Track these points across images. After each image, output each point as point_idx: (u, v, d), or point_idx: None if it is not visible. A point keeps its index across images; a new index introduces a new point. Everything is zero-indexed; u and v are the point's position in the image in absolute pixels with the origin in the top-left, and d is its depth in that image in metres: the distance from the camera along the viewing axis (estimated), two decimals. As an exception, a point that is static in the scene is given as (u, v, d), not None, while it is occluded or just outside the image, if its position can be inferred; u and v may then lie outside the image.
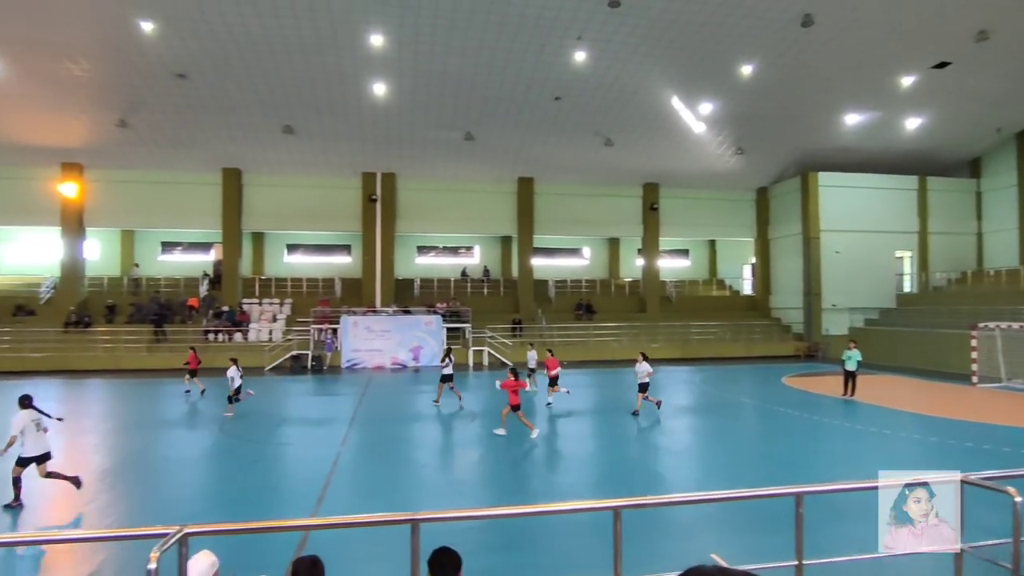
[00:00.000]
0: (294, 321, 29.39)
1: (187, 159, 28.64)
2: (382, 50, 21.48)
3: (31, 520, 8.37)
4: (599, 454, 12.05)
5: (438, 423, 15.14)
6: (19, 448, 8.73)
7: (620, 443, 12.77)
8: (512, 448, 11.97)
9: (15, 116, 24.83)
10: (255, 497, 8.99)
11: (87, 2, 18.64)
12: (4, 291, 30.58)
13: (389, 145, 28.50)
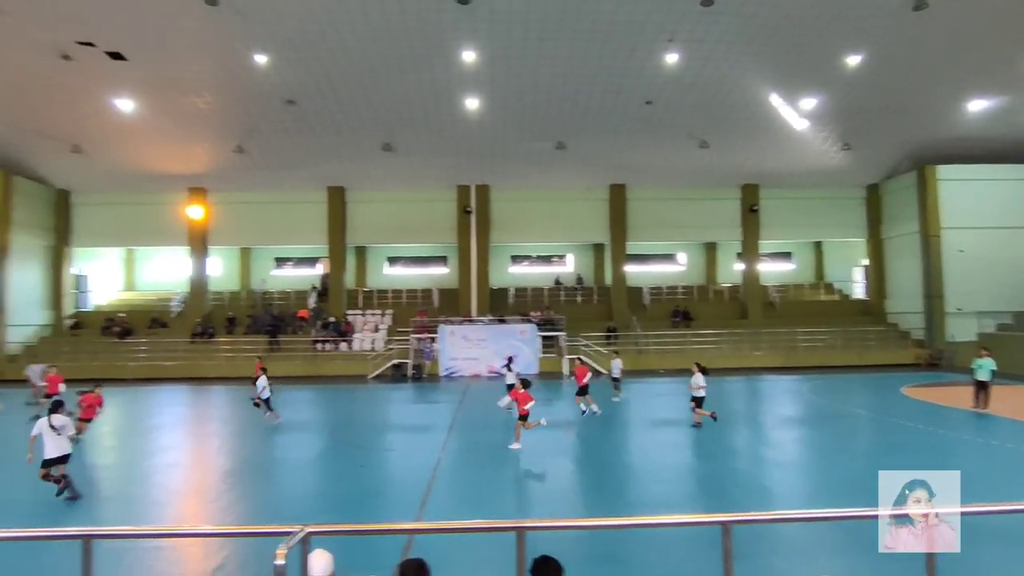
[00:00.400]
0: (395, 331, 30.53)
1: (296, 179, 30.56)
2: (474, 66, 22.02)
3: (162, 515, 9.17)
4: (699, 466, 11.68)
5: (533, 431, 15.21)
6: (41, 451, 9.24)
7: (723, 455, 12.30)
8: (608, 457, 11.84)
9: (150, 148, 27.51)
10: (363, 500, 9.40)
11: (210, 42, 20.34)
12: (142, 305, 34.00)
13: (482, 158, 29.12)
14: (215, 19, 18.76)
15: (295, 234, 32.39)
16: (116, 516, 8.83)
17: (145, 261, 37.08)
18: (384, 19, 19.22)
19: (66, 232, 31.73)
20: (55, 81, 22.23)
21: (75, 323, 31.75)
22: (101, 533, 3.14)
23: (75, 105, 24.02)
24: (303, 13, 18.80)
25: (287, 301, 33.96)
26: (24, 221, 29.17)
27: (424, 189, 31.69)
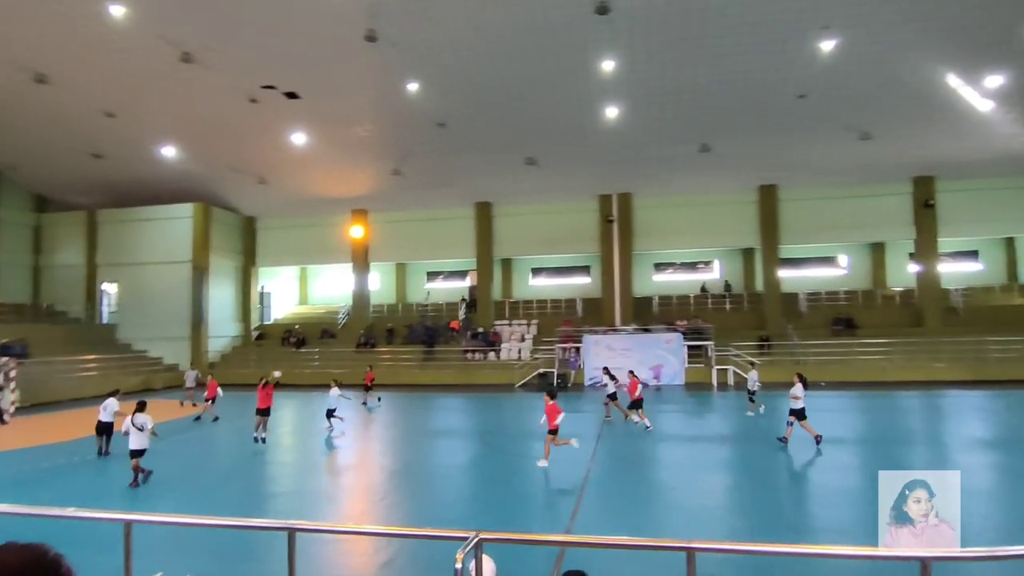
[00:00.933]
0: (540, 341, 31.13)
1: (446, 197, 32.30)
2: (614, 74, 22.05)
3: (336, 510, 10.14)
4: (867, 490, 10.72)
5: (683, 443, 14.85)
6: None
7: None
8: (767, 473, 11.26)
9: (319, 176, 30.53)
10: (516, 507, 9.75)
11: (369, 75, 22.25)
12: (314, 318, 37.69)
13: (624, 166, 28.96)
14: (374, 54, 20.51)
15: (446, 249, 34.21)
16: (299, 508, 9.89)
17: (316, 278, 41.13)
18: (526, 38, 19.89)
19: (252, 254, 36.04)
20: (244, 122, 25.44)
21: (260, 334, 35.85)
22: (303, 527, 3.62)
23: (260, 142, 27.31)
24: (450, 40, 19.98)
25: (439, 313, 35.87)
26: (220, 245, 33.55)
27: (566, 200, 32.10)
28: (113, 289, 34.45)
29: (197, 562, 6.84)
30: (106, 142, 27.76)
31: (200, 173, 30.86)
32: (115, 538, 4.29)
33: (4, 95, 23.42)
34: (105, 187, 32.53)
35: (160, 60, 20.85)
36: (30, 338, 26.75)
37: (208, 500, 10.44)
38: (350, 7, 18.23)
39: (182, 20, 18.82)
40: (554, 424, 12.24)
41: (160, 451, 14.88)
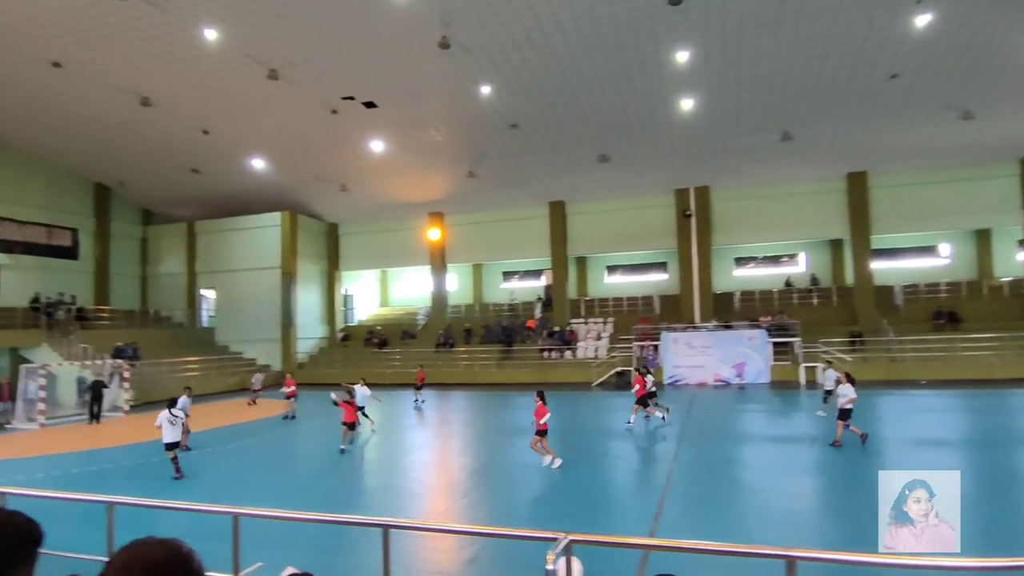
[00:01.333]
0: (617, 339, 30.80)
1: (520, 197, 32.51)
2: (688, 65, 21.52)
3: (421, 506, 10.43)
4: (974, 496, 10.00)
5: (768, 444, 14.34)
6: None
7: (1007, 484, 10.40)
8: (857, 476, 10.70)
9: (396, 181, 31.42)
10: (597, 508, 9.74)
11: (443, 80, 22.70)
12: (395, 319, 38.85)
13: (700, 158, 28.22)
14: (447, 60, 20.91)
15: (520, 248, 34.42)
16: (383, 505, 10.26)
17: (396, 280, 42.38)
18: (597, 34, 19.74)
19: (336, 258, 37.52)
20: (326, 132, 26.54)
21: (344, 336, 37.28)
22: (397, 524, 3.78)
23: (340, 151, 28.41)
24: (521, 41, 20.09)
25: (515, 312, 36.15)
26: (306, 251, 35.15)
27: (641, 196, 31.61)
28: (211, 295, 36.77)
29: (294, 555, 7.23)
30: (202, 157, 29.65)
31: (286, 183, 32.44)
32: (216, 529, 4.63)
33: (115, 118, 25.43)
34: (202, 200, 34.77)
35: (249, 78, 22.08)
36: (140, 341, 28.96)
37: (299, 495, 10.99)
38: (424, 17, 18.67)
39: (268, 39, 19.84)
40: (542, 425, 12.23)
41: (252, 448, 15.75)
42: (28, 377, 21.80)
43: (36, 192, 30.47)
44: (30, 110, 24.88)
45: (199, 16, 18.44)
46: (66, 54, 20.40)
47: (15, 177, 29.43)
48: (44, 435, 18.94)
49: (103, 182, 33.66)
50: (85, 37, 19.39)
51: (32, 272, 30.10)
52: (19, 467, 13.64)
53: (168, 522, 7.11)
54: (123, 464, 14.00)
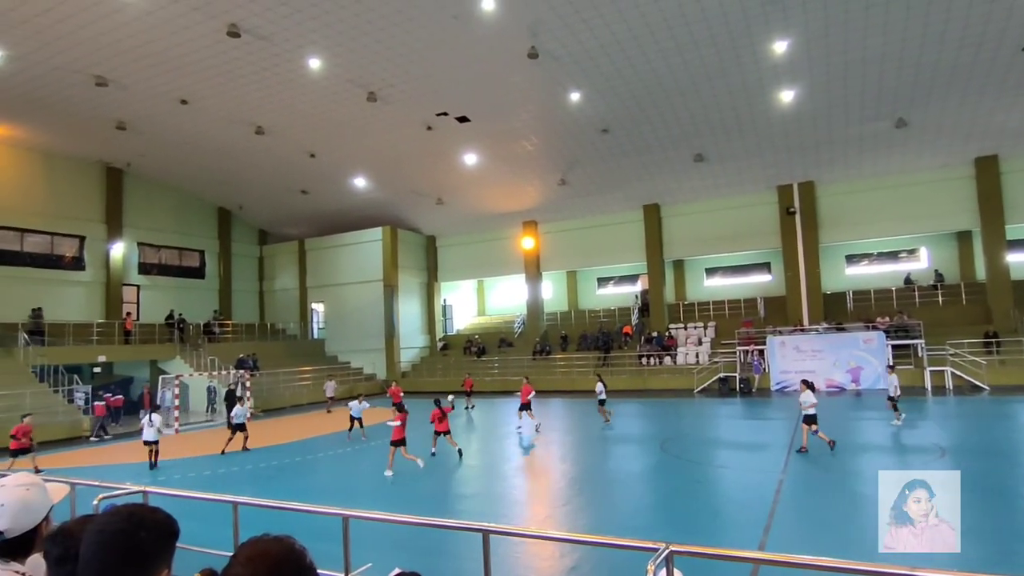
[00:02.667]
0: (719, 343, 29.72)
1: (613, 202, 32.20)
2: (787, 55, 20.53)
3: (521, 513, 10.50)
4: None
5: (890, 454, 13.31)
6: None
7: None
8: (993, 489, 9.71)
9: (491, 192, 32.03)
10: (702, 518, 9.42)
11: (533, 90, 22.95)
12: (492, 328, 39.48)
13: (804, 152, 26.79)
14: (536, 70, 21.13)
15: (615, 254, 34.02)
16: (484, 511, 10.42)
17: (492, 289, 43.08)
18: (688, 31, 19.26)
19: (435, 270, 38.69)
20: (422, 149, 27.51)
21: (444, 345, 38.31)
22: (497, 529, 3.86)
23: (436, 165, 29.34)
24: (610, 44, 19.94)
25: (611, 318, 35.73)
26: (406, 264, 36.49)
27: (740, 195, 30.40)
28: (320, 308, 38.95)
29: (398, 556, 7.50)
30: (310, 179, 31.57)
31: (386, 199, 33.89)
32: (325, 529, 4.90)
33: (233, 148, 27.62)
34: (311, 218, 36.99)
35: (350, 102, 23.29)
36: (259, 353, 31.11)
37: (400, 499, 11.39)
38: (513, 29, 18.98)
39: (367, 64, 20.87)
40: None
41: (356, 454, 16.47)
42: (164, 387, 23.99)
43: (168, 218, 33.59)
44: (162, 145, 27.47)
45: (304, 47, 19.69)
46: (191, 92, 22.38)
47: (150, 206, 32.58)
48: (179, 440, 20.75)
49: (224, 206, 36.62)
50: (207, 75, 21.21)
51: (166, 291, 33.19)
52: (158, 469, 15.02)
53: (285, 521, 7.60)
54: (245, 467, 15.07)
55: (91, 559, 1.56)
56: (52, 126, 25.02)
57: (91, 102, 22.60)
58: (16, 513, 2.08)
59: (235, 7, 17.32)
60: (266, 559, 1.40)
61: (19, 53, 19.04)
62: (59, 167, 28.52)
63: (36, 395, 21.50)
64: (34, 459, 14.98)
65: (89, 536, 1.61)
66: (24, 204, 27.25)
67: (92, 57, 19.62)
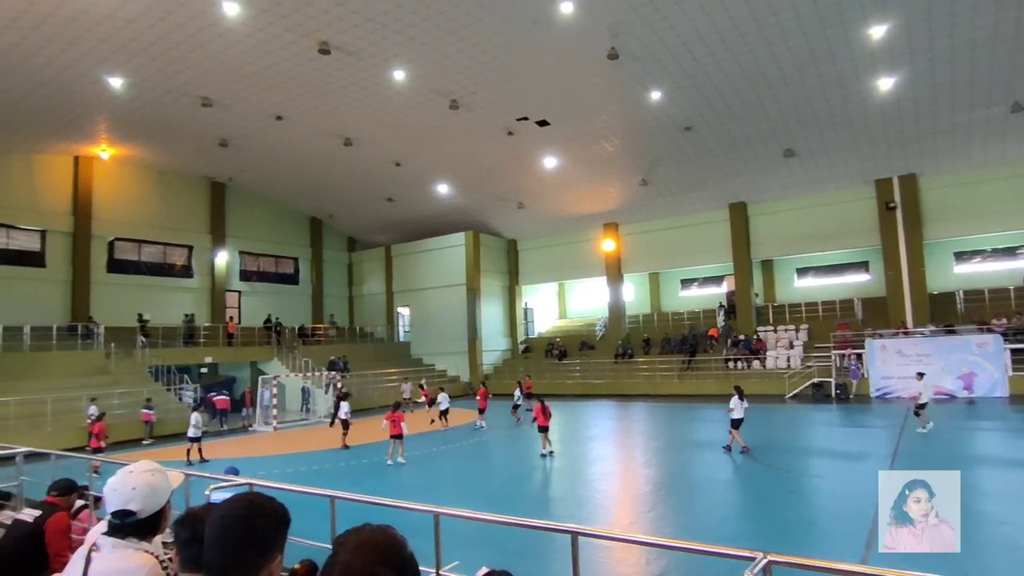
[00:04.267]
0: (812, 347, 28.31)
1: (696, 202, 31.38)
2: (886, 40, 19.32)
3: (606, 517, 10.41)
4: None
5: (1009, 468, 12.24)
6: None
7: None
8: None
9: (572, 194, 31.99)
10: (797, 529, 9.03)
11: (613, 91, 22.76)
12: (573, 331, 39.40)
13: (905, 143, 25.10)
14: (616, 70, 20.93)
15: (699, 255, 33.12)
16: (571, 514, 10.40)
17: (573, 292, 42.97)
18: (775, 22, 18.52)
19: (516, 273, 39.02)
20: (503, 153, 27.85)
21: (525, 348, 38.54)
22: (585, 532, 3.87)
23: (517, 170, 29.62)
24: (693, 41, 19.47)
25: (695, 321, 34.79)
26: (488, 268, 37.00)
27: (834, 190, 28.84)
28: (406, 312, 40.13)
29: (485, 554, 7.63)
30: (395, 187, 32.63)
31: (468, 204, 34.52)
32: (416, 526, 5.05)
33: (323, 159, 28.98)
34: (396, 225, 38.22)
35: (433, 110, 23.92)
36: (349, 355, 32.41)
37: (486, 499, 11.55)
38: (592, 31, 18.90)
39: (449, 73, 21.36)
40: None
41: (444, 454, 16.85)
42: (263, 386, 25.43)
43: (265, 228, 35.67)
44: (259, 159, 29.21)
45: (389, 59, 20.41)
46: (286, 108, 23.68)
47: (249, 217, 34.69)
48: (277, 437, 21.95)
49: (316, 216, 38.46)
50: (299, 91, 22.38)
51: (264, 297, 35.22)
52: (260, 463, 15.95)
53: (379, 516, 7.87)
54: (339, 464, 15.75)
55: (214, 542, 1.72)
56: (164, 146, 27.16)
57: (197, 122, 24.34)
58: (146, 496, 2.31)
59: (325, 26, 18.19)
60: (372, 547, 1.49)
61: (137, 80, 20.79)
62: (170, 183, 30.91)
63: (152, 393, 23.33)
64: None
65: (212, 521, 1.77)
66: (141, 218, 29.74)
67: (199, 80, 21.15)
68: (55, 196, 26.97)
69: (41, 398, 20.01)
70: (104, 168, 28.31)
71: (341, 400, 20.53)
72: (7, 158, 25.50)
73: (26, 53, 18.33)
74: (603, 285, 36.34)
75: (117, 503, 2.28)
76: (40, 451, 8.36)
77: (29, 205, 26.12)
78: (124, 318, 27.54)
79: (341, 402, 19.57)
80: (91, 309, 27.18)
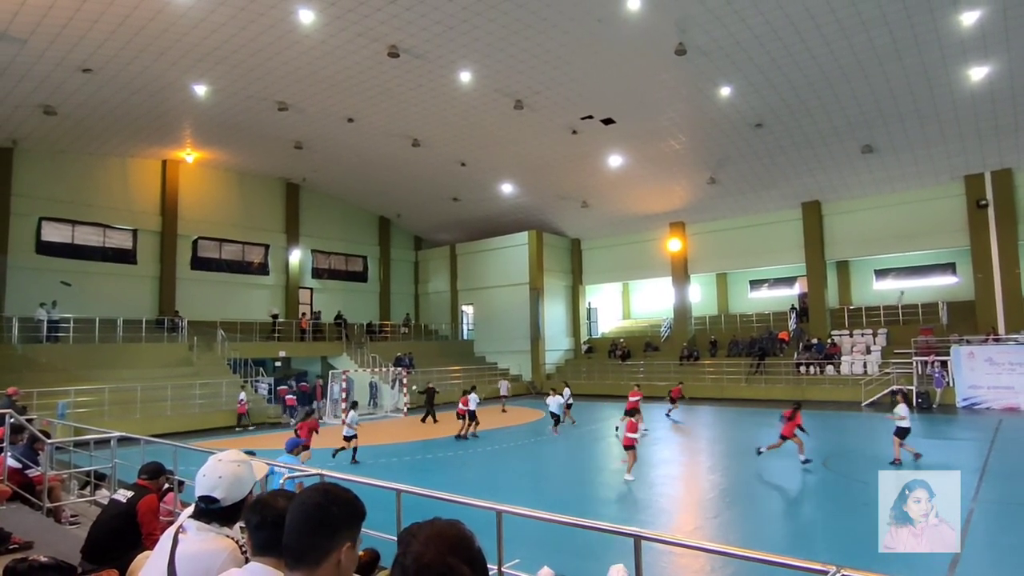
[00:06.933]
0: (890, 352, 26.88)
1: (767, 200, 30.37)
2: (977, 27, 18.13)
3: (669, 521, 10.25)
4: None
5: None
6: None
7: None
8: None
9: (636, 194, 31.58)
10: (873, 544, 8.62)
11: (680, 87, 22.30)
12: (637, 331, 38.89)
13: (998, 136, 23.49)
14: (684, 66, 20.53)
15: (769, 255, 32.04)
16: (633, 517, 10.30)
17: (637, 292, 42.37)
18: (854, 11, 17.66)
19: (579, 272, 38.85)
20: (567, 153, 27.79)
21: (588, 348, 38.31)
22: (649, 536, 3.85)
23: (581, 168, 29.48)
24: (765, 35, 18.85)
25: (765, 323, 33.68)
26: (551, 267, 36.99)
27: (918, 188, 27.30)
28: (470, 310, 40.63)
29: (545, 554, 7.66)
30: (460, 187, 33.09)
31: (532, 203, 34.61)
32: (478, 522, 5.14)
33: (392, 160, 29.71)
34: (461, 224, 38.75)
35: (498, 111, 24.12)
36: (414, 352, 33.09)
37: (547, 497, 11.58)
38: (659, 27, 18.60)
39: (514, 73, 21.49)
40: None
41: (500, 453, 16.99)
42: (333, 381, 26.33)
43: (336, 227, 36.87)
44: (331, 160, 30.24)
45: (455, 61, 20.72)
46: (356, 110, 24.41)
47: (321, 216, 35.94)
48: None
49: (384, 215, 39.45)
50: (370, 94, 23.02)
51: (335, 294, 36.43)
52: (330, 455, 16.53)
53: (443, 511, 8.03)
54: (404, 459, 16.13)
55: (292, 524, 1.84)
56: (243, 149, 28.52)
57: (274, 125, 25.42)
58: (230, 485, 2.47)
59: (394, 30, 18.65)
60: (444, 539, 1.55)
61: (219, 87, 21.91)
62: (248, 184, 32.42)
63: (230, 385, 24.56)
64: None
65: (293, 506, 1.91)
66: (222, 217, 31.34)
67: (276, 85, 22.09)
68: (145, 197, 28.77)
69: (132, 386, 21.41)
70: (189, 171, 29.97)
71: (432, 394, 22.27)
72: (105, 161, 27.38)
73: (123, 63, 19.62)
74: (668, 285, 35.69)
75: (204, 489, 2.45)
76: (131, 436, 8.97)
77: (123, 206, 27.96)
78: (206, 312, 29.08)
79: (470, 395, 19.66)
80: (176, 304, 28.84)
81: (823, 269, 30.32)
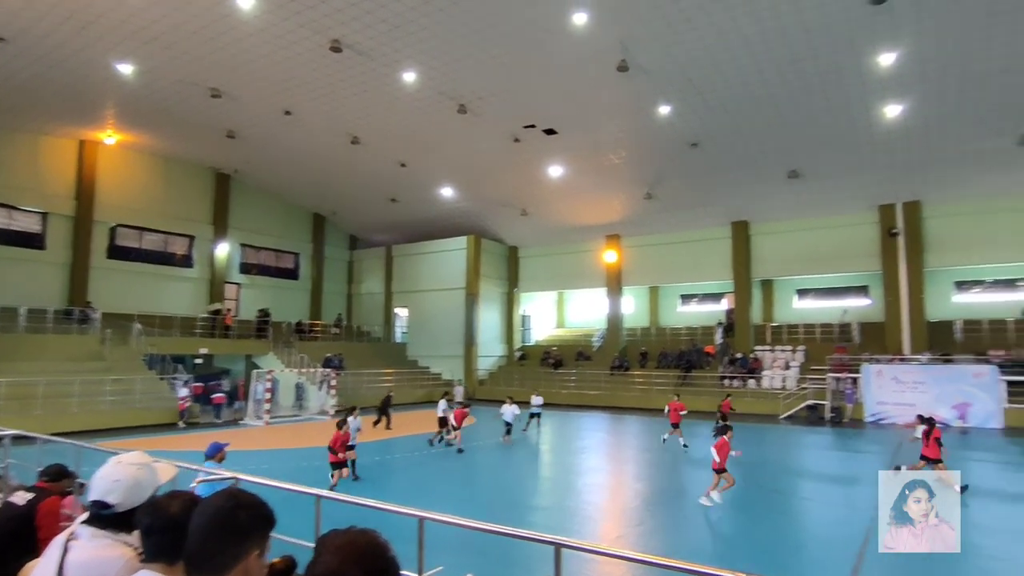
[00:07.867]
0: (808, 369, 28.26)
1: (700, 218, 31.39)
2: (895, 68, 19.38)
3: (595, 530, 10.35)
4: None
5: (1002, 502, 12.20)
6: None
7: None
8: None
9: (576, 204, 32.02)
10: (784, 552, 8.98)
11: (622, 104, 22.80)
12: (571, 340, 39.32)
13: (910, 170, 25.15)
14: (626, 83, 20.95)
15: (699, 271, 33.11)
16: (558, 524, 10.34)
17: (571, 302, 42.94)
18: (785, 43, 18.56)
19: (516, 280, 39.00)
20: (509, 160, 27.88)
21: (522, 355, 38.48)
22: (570, 544, 3.83)
23: (522, 177, 29.64)
24: (703, 58, 19.50)
25: (693, 336, 34.74)
26: (488, 273, 36.99)
27: (837, 214, 28.85)
28: (404, 313, 40.09)
29: (471, 562, 7.57)
30: (399, 188, 32.66)
31: (471, 209, 34.53)
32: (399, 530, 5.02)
33: (329, 156, 29.00)
34: (399, 226, 38.22)
35: (441, 113, 23.94)
36: (345, 353, 32.33)
37: (471, 505, 11.49)
38: (603, 43, 18.94)
39: (459, 76, 21.40)
40: (335, 459, 12.68)
41: (427, 458, 16.77)
42: (257, 380, 25.35)
43: (267, 222, 35.67)
44: (265, 153, 29.23)
45: (400, 60, 20.45)
46: (295, 104, 23.72)
47: (252, 210, 34.70)
48: (268, 431, 21.85)
49: (319, 212, 38.47)
50: (309, 88, 22.41)
51: (263, 290, 35.21)
52: (249, 458, 15.84)
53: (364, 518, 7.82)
54: (327, 462, 15.65)
55: (196, 529, 1.72)
56: (171, 134, 27.19)
57: (206, 112, 24.36)
58: (127, 489, 2.27)
59: (338, 24, 18.23)
60: (354, 549, 1.48)
61: (148, 67, 20.81)
62: (175, 171, 30.92)
63: (146, 382, 23.26)
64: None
65: (197, 510, 1.79)
66: (144, 205, 29.74)
67: (210, 71, 21.18)
68: (58, 179, 26.97)
69: (34, 380, 19.96)
70: (109, 153, 28.33)
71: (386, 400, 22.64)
72: (12, 137, 25.53)
73: (39, 34, 18.37)
74: (603, 296, 36.34)
75: (97, 493, 2.24)
76: (27, 434, 8.29)
77: (32, 186, 26.11)
78: (122, 304, 27.50)
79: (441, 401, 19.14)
80: (89, 294, 27.13)
81: (749, 287, 31.60)
